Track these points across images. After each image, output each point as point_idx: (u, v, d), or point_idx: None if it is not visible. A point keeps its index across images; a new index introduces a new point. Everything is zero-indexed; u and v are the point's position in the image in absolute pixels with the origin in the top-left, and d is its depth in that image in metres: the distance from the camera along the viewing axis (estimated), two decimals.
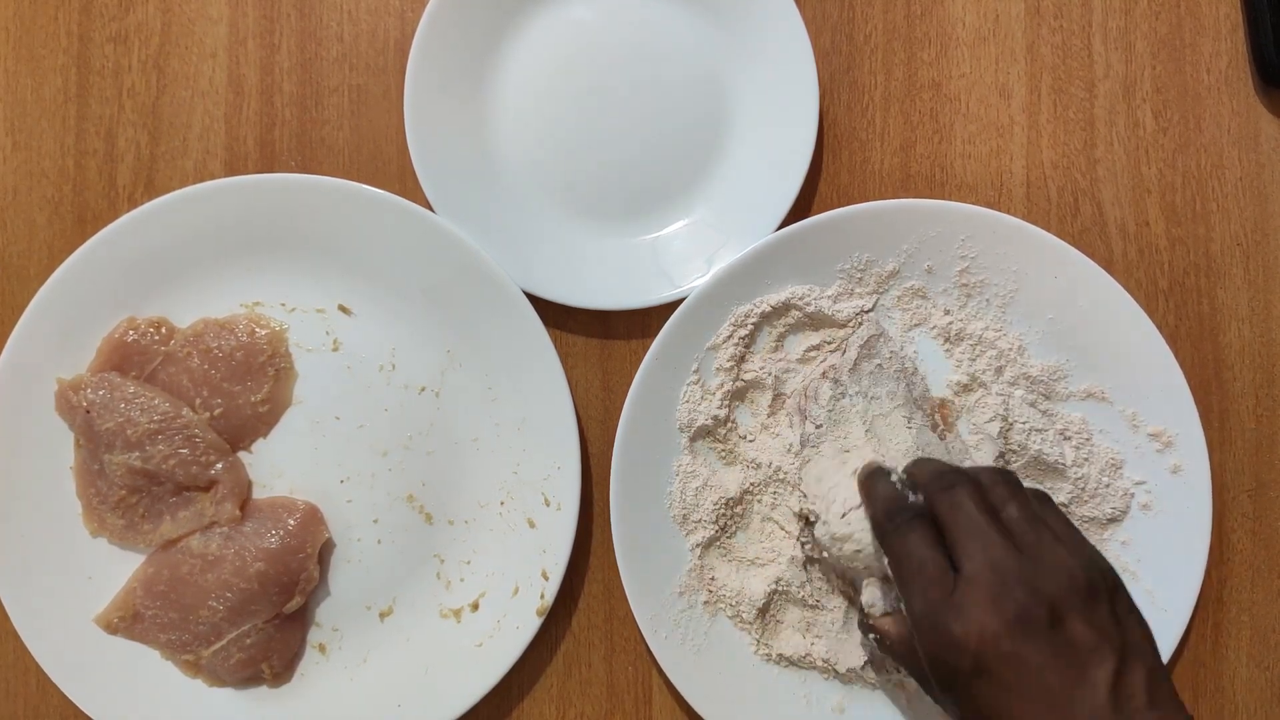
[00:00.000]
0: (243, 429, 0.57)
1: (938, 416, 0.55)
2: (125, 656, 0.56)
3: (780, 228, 0.56)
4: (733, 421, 0.57)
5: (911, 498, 0.47)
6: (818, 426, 0.53)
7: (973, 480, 0.45)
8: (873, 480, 0.49)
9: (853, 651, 0.56)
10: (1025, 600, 0.41)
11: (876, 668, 0.56)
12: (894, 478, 0.48)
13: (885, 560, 0.47)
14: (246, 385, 0.57)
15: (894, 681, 0.56)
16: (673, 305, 0.56)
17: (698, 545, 0.56)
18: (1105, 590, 0.43)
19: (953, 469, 0.47)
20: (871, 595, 0.49)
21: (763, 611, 0.56)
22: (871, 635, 0.49)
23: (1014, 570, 0.42)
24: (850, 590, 0.55)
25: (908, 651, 0.47)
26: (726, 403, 0.57)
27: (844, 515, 0.49)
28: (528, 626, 0.56)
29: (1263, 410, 0.59)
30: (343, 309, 0.58)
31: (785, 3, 0.57)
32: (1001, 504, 0.45)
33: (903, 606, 0.45)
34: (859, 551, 0.49)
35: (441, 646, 0.57)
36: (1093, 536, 0.57)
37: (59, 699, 0.57)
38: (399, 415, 0.58)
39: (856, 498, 0.49)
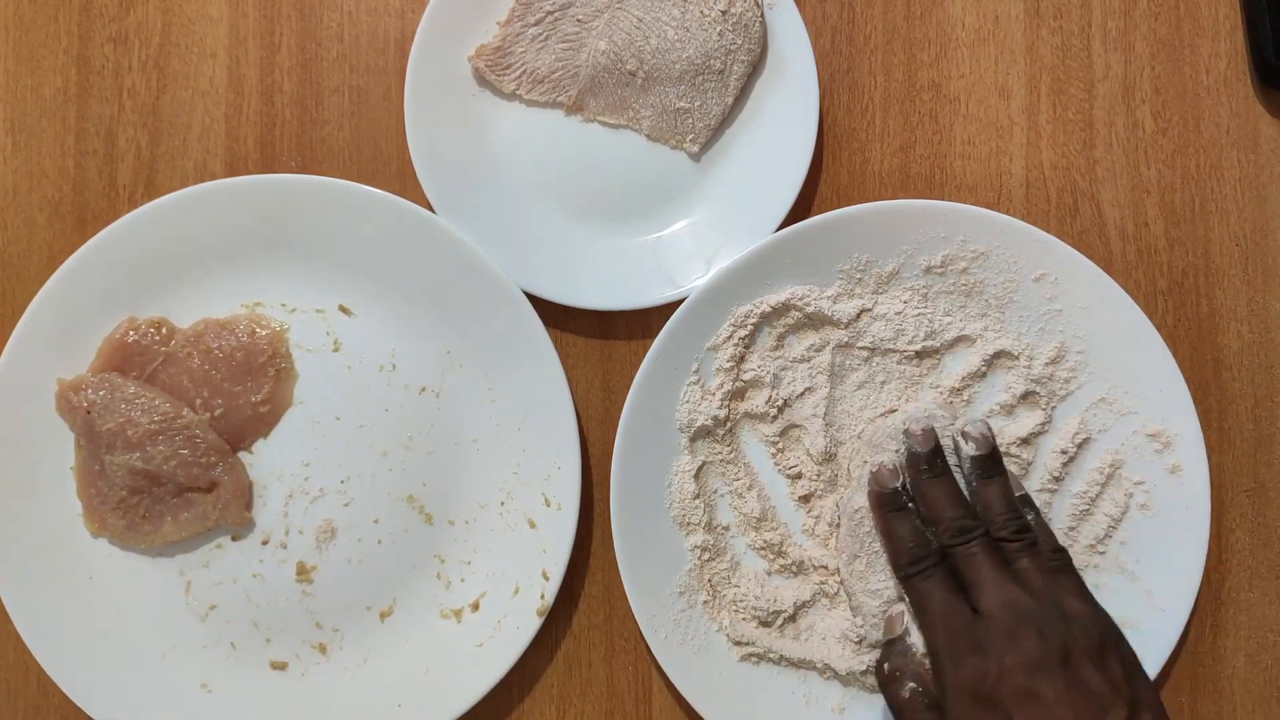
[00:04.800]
0: (243, 429, 0.57)
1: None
2: (125, 656, 0.56)
3: (780, 228, 0.56)
4: (732, 422, 0.57)
5: (933, 543, 0.50)
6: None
7: (984, 532, 0.49)
8: (892, 517, 0.51)
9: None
10: (1038, 638, 0.44)
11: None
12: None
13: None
14: (247, 386, 0.57)
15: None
16: (673, 305, 0.56)
17: (697, 545, 0.56)
18: (1113, 644, 0.46)
19: (965, 521, 0.49)
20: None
21: None
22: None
23: (1027, 609, 0.45)
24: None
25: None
26: (726, 403, 0.57)
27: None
28: (528, 626, 0.56)
29: (1261, 410, 0.59)
30: (343, 309, 0.58)
31: (785, 3, 0.57)
32: (1014, 556, 0.49)
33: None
34: None
35: (441, 646, 0.57)
36: (1092, 536, 0.57)
37: (59, 699, 0.57)
38: (399, 415, 0.58)
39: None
